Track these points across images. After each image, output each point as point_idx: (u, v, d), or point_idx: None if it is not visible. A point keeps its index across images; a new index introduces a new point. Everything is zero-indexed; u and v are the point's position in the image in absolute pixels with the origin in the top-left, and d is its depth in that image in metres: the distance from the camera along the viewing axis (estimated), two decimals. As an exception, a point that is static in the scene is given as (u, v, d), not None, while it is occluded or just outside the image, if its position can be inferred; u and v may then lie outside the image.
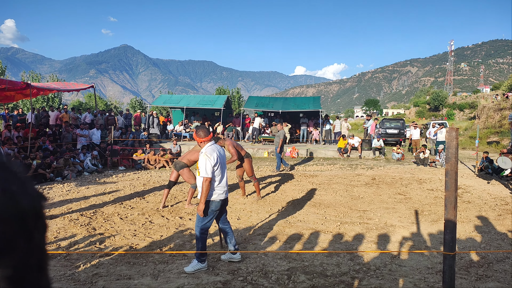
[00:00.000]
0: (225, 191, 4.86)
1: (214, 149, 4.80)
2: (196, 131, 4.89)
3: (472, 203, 8.62)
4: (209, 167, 4.63)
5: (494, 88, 63.71)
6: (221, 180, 4.80)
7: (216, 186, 4.77)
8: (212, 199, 4.77)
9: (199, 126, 4.95)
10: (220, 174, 4.78)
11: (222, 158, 4.85)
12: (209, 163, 4.64)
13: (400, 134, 23.38)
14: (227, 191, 4.92)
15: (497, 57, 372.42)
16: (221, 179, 4.80)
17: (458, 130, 2.67)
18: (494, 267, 4.89)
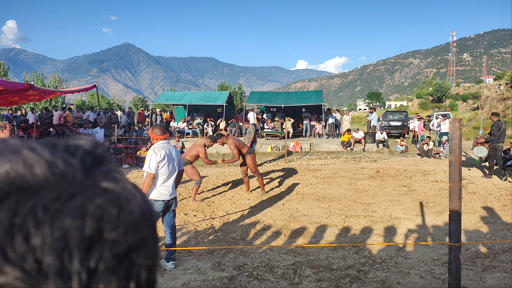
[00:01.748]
0: (170, 193, 4.72)
1: (164, 147, 4.71)
2: (153, 129, 4.84)
3: (477, 193, 8.60)
4: (154, 162, 4.55)
5: (497, 78, 63.45)
6: (167, 180, 4.69)
7: (160, 185, 4.65)
8: (154, 198, 4.63)
9: (157, 125, 4.92)
10: (167, 174, 4.66)
11: (172, 158, 4.75)
12: (154, 158, 4.56)
13: (403, 126, 23.31)
14: (173, 194, 4.78)
15: (499, 47, 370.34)
16: (167, 179, 4.69)
17: (461, 121, 2.65)
18: (500, 257, 4.88)
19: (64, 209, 0.32)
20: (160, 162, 4.60)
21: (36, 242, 0.30)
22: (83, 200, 0.33)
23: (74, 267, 0.31)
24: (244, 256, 5.03)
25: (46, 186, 0.32)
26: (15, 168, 0.32)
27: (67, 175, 0.34)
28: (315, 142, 19.21)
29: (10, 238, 0.29)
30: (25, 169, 0.33)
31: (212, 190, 9.52)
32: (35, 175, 0.33)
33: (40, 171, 0.33)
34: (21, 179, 0.32)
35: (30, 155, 0.34)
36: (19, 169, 0.33)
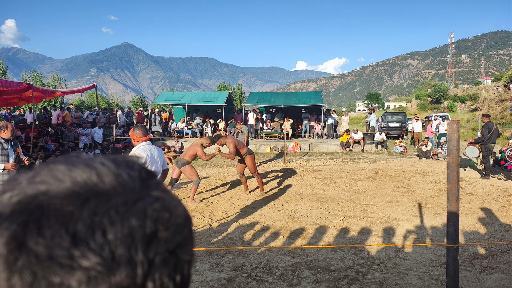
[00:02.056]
0: None
1: (145, 150, 4.60)
2: (134, 130, 4.70)
3: (475, 195, 8.61)
4: None
5: (495, 80, 63.58)
6: None
7: None
8: None
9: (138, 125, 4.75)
10: None
11: (155, 160, 4.65)
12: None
13: (402, 127, 23.34)
14: None
15: (497, 49, 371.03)
16: None
17: (459, 122, 2.66)
18: (498, 258, 4.89)
19: (130, 212, 0.40)
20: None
21: (111, 237, 0.38)
22: (144, 205, 0.41)
23: (139, 257, 0.39)
24: (243, 257, 5.03)
25: (115, 192, 0.41)
26: (91, 178, 0.41)
27: (129, 185, 0.43)
28: (314, 143, 19.23)
29: (92, 232, 0.38)
30: (98, 179, 0.41)
31: (211, 190, 9.53)
32: (106, 184, 0.41)
33: (109, 181, 0.42)
34: (96, 186, 0.41)
35: (101, 168, 0.43)
36: (94, 178, 0.41)
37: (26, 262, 0.36)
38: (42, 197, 0.39)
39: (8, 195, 0.40)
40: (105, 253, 0.37)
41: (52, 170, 0.42)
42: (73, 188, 0.40)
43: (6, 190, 0.41)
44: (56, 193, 0.39)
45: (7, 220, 0.38)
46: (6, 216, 0.38)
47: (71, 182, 0.40)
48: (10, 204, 0.39)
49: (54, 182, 0.40)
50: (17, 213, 0.38)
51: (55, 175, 0.41)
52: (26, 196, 0.39)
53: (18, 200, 0.39)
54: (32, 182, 0.41)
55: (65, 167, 0.42)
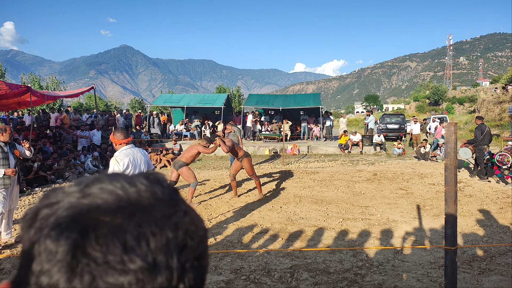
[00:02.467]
0: None
1: (127, 154, 4.53)
2: (114, 133, 4.64)
3: (474, 196, 8.62)
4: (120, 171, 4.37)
5: (493, 82, 63.66)
6: None
7: None
8: None
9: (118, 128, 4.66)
10: None
11: (137, 164, 4.57)
12: (117, 168, 4.40)
13: (401, 129, 23.36)
14: None
15: (495, 51, 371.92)
16: None
17: (457, 124, 2.66)
18: (497, 260, 4.89)
19: (167, 225, 0.47)
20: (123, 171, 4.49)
21: (153, 246, 0.45)
22: (176, 219, 0.49)
23: (174, 263, 0.46)
24: (241, 260, 5.03)
25: (153, 208, 0.48)
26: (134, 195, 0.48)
27: (162, 200, 0.50)
28: (312, 145, 19.24)
29: (138, 242, 0.44)
30: (139, 196, 0.48)
31: (209, 193, 9.52)
32: (145, 200, 0.48)
33: (147, 197, 0.49)
34: (138, 202, 0.48)
35: (140, 185, 0.50)
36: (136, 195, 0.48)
37: (86, 266, 0.42)
38: (95, 210, 0.45)
39: (62, 205, 0.46)
40: (149, 259, 0.44)
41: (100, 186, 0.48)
42: (119, 203, 0.47)
43: (58, 201, 0.47)
44: (107, 207, 0.46)
45: (67, 229, 0.44)
46: (66, 225, 0.44)
47: (118, 198, 0.47)
48: (66, 214, 0.45)
49: (103, 196, 0.47)
50: (75, 223, 0.44)
51: (103, 190, 0.48)
52: (80, 208, 0.46)
53: (74, 212, 0.45)
54: (84, 196, 0.47)
55: (110, 184, 0.49)
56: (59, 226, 0.44)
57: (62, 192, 0.49)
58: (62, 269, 0.42)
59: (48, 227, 0.44)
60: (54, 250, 0.43)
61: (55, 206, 0.46)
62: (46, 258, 0.43)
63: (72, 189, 0.49)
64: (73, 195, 0.47)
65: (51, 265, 0.42)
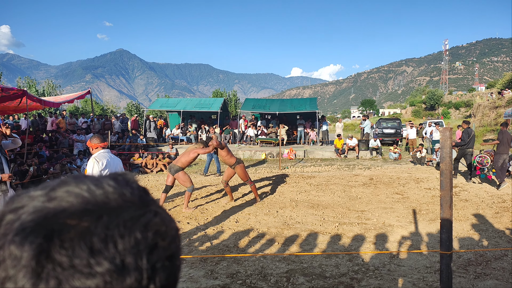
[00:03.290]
0: None
1: (105, 156, 4.75)
2: (91, 139, 4.86)
3: (469, 201, 8.65)
4: (96, 170, 4.60)
5: (489, 87, 64.03)
6: None
7: None
8: None
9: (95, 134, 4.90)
10: None
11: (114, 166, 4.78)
12: (96, 166, 4.60)
13: (397, 133, 23.44)
14: None
15: (491, 56, 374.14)
16: None
17: (452, 129, 2.68)
18: (492, 265, 4.91)
19: (136, 226, 0.47)
20: (102, 170, 4.63)
21: (121, 248, 0.45)
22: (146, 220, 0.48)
23: (144, 264, 0.46)
24: (237, 264, 5.02)
25: (122, 209, 0.48)
26: (101, 197, 0.48)
27: (132, 201, 0.49)
28: (309, 149, 19.25)
29: (106, 244, 0.44)
30: (107, 198, 0.48)
31: (205, 197, 9.50)
32: (113, 201, 0.48)
33: (115, 199, 0.48)
34: (105, 205, 0.47)
35: (108, 187, 0.49)
36: (103, 197, 0.48)
37: (51, 270, 0.42)
38: (61, 214, 0.45)
39: (26, 210, 0.46)
40: (117, 261, 0.44)
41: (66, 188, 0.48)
42: (86, 206, 0.46)
43: (23, 205, 0.46)
44: (73, 210, 0.45)
45: (32, 234, 0.43)
46: (31, 230, 0.43)
47: (85, 200, 0.47)
48: (31, 219, 0.44)
49: (69, 200, 0.47)
50: (40, 228, 0.43)
51: (69, 193, 0.47)
52: (46, 212, 0.45)
53: (39, 216, 0.45)
54: (49, 199, 0.47)
55: (77, 187, 0.48)
56: (23, 231, 0.43)
57: (28, 197, 0.48)
58: (27, 275, 0.42)
59: (12, 233, 0.44)
60: (19, 255, 0.42)
61: (20, 210, 0.46)
62: (11, 263, 0.43)
63: (37, 193, 0.48)
64: (38, 199, 0.47)
65: (16, 270, 0.42)
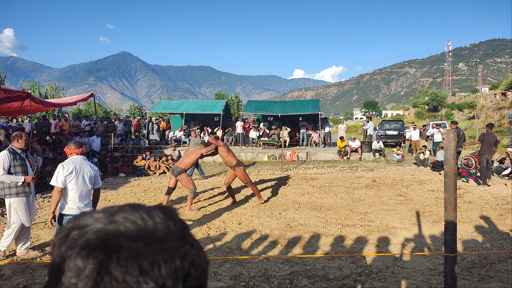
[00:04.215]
0: (81, 208, 4.74)
1: (75, 162, 4.77)
2: (68, 145, 4.93)
3: (473, 203, 8.61)
4: (60, 176, 4.63)
5: (492, 88, 63.82)
6: (75, 196, 4.72)
7: (70, 200, 4.70)
8: (65, 213, 4.71)
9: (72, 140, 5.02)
10: (75, 189, 4.71)
11: (82, 174, 4.77)
12: (61, 172, 4.63)
13: (400, 135, 23.38)
14: (85, 209, 4.74)
15: (495, 57, 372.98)
16: (76, 194, 4.73)
17: (456, 132, 2.66)
18: (497, 267, 4.88)
19: (176, 255, 0.55)
20: (67, 176, 4.65)
21: (163, 272, 0.53)
22: (184, 250, 0.56)
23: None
24: (241, 266, 5.01)
25: (166, 239, 0.56)
26: (152, 226, 0.56)
27: (174, 233, 0.57)
28: (311, 151, 19.23)
29: (152, 267, 0.52)
30: (156, 227, 0.56)
31: (208, 199, 9.50)
32: (160, 231, 0.56)
33: (162, 229, 0.57)
34: (154, 233, 0.56)
35: (157, 219, 0.58)
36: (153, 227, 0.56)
37: (108, 282, 0.50)
38: (119, 236, 0.54)
39: (91, 229, 0.55)
40: (160, 283, 0.52)
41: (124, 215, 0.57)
42: (139, 232, 0.55)
43: (88, 225, 0.56)
44: (129, 234, 0.54)
45: (96, 250, 0.52)
46: (94, 247, 0.52)
47: (138, 227, 0.55)
48: (94, 237, 0.53)
49: (126, 225, 0.55)
50: (102, 246, 0.52)
51: (126, 219, 0.56)
52: (107, 233, 0.54)
53: (101, 235, 0.54)
54: (110, 223, 0.55)
55: (132, 214, 0.57)
56: (88, 246, 0.52)
57: (91, 218, 0.57)
58: (87, 284, 0.50)
59: (78, 247, 0.53)
60: (83, 267, 0.51)
61: (85, 228, 0.55)
62: (74, 273, 0.51)
63: (99, 216, 0.57)
64: (101, 221, 0.56)
65: (79, 279, 0.51)
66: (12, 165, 5.52)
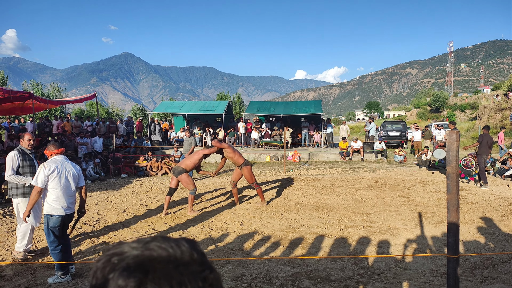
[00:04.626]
0: (66, 208, 4.77)
1: (56, 162, 4.80)
2: (47, 147, 4.96)
3: (476, 204, 8.59)
4: (41, 176, 4.64)
5: (494, 88, 63.70)
6: (59, 195, 4.74)
7: (53, 200, 4.71)
8: (48, 213, 4.71)
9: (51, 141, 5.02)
10: (58, 188, 4.72)
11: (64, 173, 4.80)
12: (42, 172, 4.64)
13: (402, 136, 23.36)
14: (69, 210, 4.82)
15: (496, 57, 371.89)
16: (59, 194, 4.74)
17: (458, 133, 2.66)
18: (499, 268, 4.87)
19: (198, 277, 0.65)
20: (49, 176, 4.66)
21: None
22: (205, 274, 0.66)
23: None
24: (243, 267, 5.01)
25: (190, 263, 0.66)
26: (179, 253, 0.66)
27: (197, 260, 0.67)
28: (313, 152, 19.22)
29: (180, 285, 0.62)
30: (183, 255, 0.66)
31: (210, 200, 9.50)
32: (187, 257, 0.66)
33: (188, 256, 0.67)
34: (182, 259, 0.66)
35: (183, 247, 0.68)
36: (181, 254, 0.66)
37: None
38: (154, 260, 0.64)
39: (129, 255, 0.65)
40: None
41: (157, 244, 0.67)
42: (169, 258, 0.65)
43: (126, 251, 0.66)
44: (161, 259, 0.64)
45: (135, 271, 0.62)
46: (134, 268, 0.62)
47: (169, 254, 0.65)
48: (133, 262, 0.63)
49: (159, 251, 0.66)
50: (140, 267, 0.62)
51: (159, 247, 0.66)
52: (143, 258, 0.64)
53: (139, 260, 0.64)
54: (145, 249, 0.66)
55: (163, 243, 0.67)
56: (129, 268, 0.62)
57: (129, 246, 0.67)
58: None
59: (120, 269, 0.62)
60: (125, 285, 0.60)
61: (124, 255, 0.65)
62: None
63: (135, 245, 0.67)
64: (137, 249, 0.66)
65: None
66: (21, 166, 5.57)
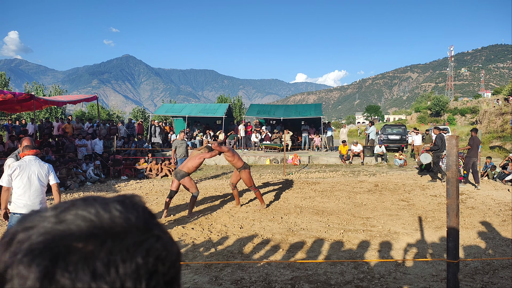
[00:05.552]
0: (29, 207, 4.81)
1: (21, 161, 4.93)
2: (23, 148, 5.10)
3: (476, 208, 8.58)
4: (4, 176, 4.82)
5: (495, 93, 63.81)
6: (24, 193, 4.82)
7: (17, 198, 4.81)
8: (12, 211, 4.84)
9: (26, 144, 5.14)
10: (21, 187, 4.81)
11: (29, 172, 4.87)
12: (5, 172, 4.83)
13: (402, 140, 23.36)
14: (33, 208, 4.83)
15: (497, 62, 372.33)
16: (24, 192, 4.82)
17: (458, 137, 2.65)
18: (500, 274, 4.85)
19: (138, 251, 0.48)
20: (11, 175, 4.78)
21: (122, 272, 0.46)
22: (148, 245, 0.49)
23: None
24: (242, 271, 5.00)
25: (126, 234, 0.49)
26: (107, 221, 0.49)
27: (136, 226, 0.51)
28: (313, 155, 19.22)
29: (108, 269, 0.45)
30: (112, 222, 0.49)
31: (210, 202, 9.50)
32: (118, 226, 0.49)
33: (121, 223, 0.50)
34: (111, 229, 0.49)
35: (114, 211, 0.51)
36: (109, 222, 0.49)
37: None
38: (69, 237, 0.47)
39: (36, 230, 0.48)
40: (117, 286, 0.45)
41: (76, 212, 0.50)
42: (93, 230, 0.48)
43: (34, 225, 0.48)
44: (80, 233, 0.47)
45: (39, 256, 0.45)
46: (38, 252, 0.45)
47: (92, 224, 0.48)
48: (40, 240, 0.46)
49: (77, 223, 0.48)
50: (47, 250, 0.45)
51: (78, 216, 0.49)
52: (54, 234, 0.47)
53: (47, 238, 0.46)
54: (59, 222, 0.48)
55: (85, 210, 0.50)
56: (32, 252, 0.45)
57: (39, 216, 0.50)
58: None
59: (21, 253, 0.46)
60: (26, 275, 0.44)
61: (31, 230, 0.48)
62: (17, 282, 0.44)
63: (48, 214, 0.50)
64: (49, 220, 0.49)
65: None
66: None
